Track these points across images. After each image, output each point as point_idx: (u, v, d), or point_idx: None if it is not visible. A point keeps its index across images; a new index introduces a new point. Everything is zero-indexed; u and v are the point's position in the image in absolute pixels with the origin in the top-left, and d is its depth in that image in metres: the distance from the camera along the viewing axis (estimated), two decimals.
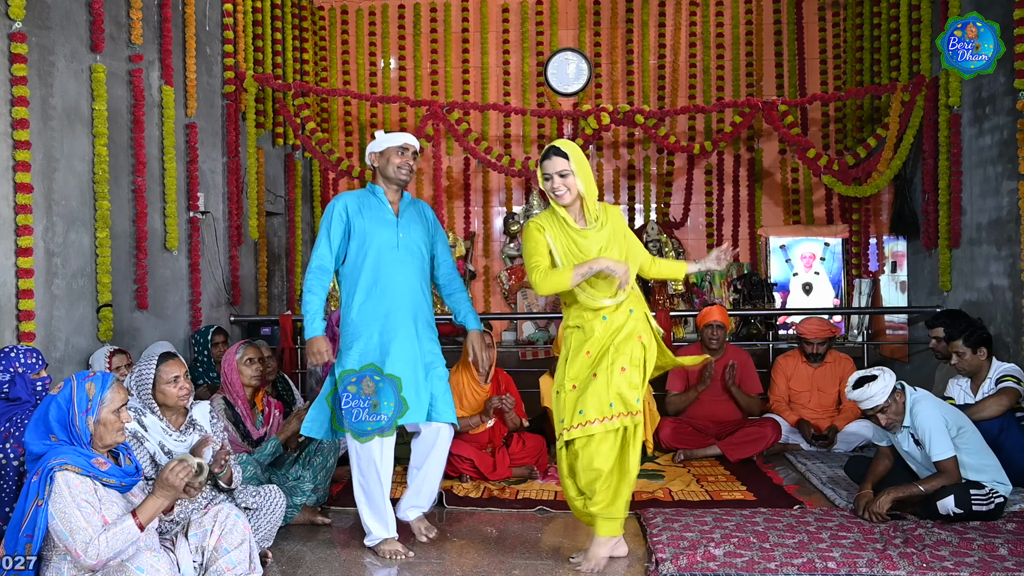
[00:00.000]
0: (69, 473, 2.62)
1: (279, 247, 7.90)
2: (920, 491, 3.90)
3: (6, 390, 3.61)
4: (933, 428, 3.85)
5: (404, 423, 3.68)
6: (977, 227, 5.86)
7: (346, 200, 3.75)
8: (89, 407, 2.73)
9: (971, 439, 3.94)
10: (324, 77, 8.69)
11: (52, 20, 4.60)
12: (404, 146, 3.76)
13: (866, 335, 7.43)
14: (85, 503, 2.61)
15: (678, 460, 5.29)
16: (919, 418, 3.89)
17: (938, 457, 3.85)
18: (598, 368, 3.38)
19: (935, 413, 3.89)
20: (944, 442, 3.84)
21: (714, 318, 5.64)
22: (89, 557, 2.57)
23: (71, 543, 2.57)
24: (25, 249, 4.25)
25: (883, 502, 3.91)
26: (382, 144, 3.77)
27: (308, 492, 4.10)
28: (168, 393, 3.29)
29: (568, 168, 3.38)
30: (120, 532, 2.62)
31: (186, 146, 6.02)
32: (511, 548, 3.74)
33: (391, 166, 3.74)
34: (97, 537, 2.58)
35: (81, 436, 2.72)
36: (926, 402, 3.96)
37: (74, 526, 2.58)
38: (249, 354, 4.14)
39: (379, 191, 3.79)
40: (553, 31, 8.61)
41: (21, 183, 4.23)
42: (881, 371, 3.96)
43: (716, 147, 7.27)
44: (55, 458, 2.63)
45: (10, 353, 3.69)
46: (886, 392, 3.89)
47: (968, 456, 3.89)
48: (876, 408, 3.92)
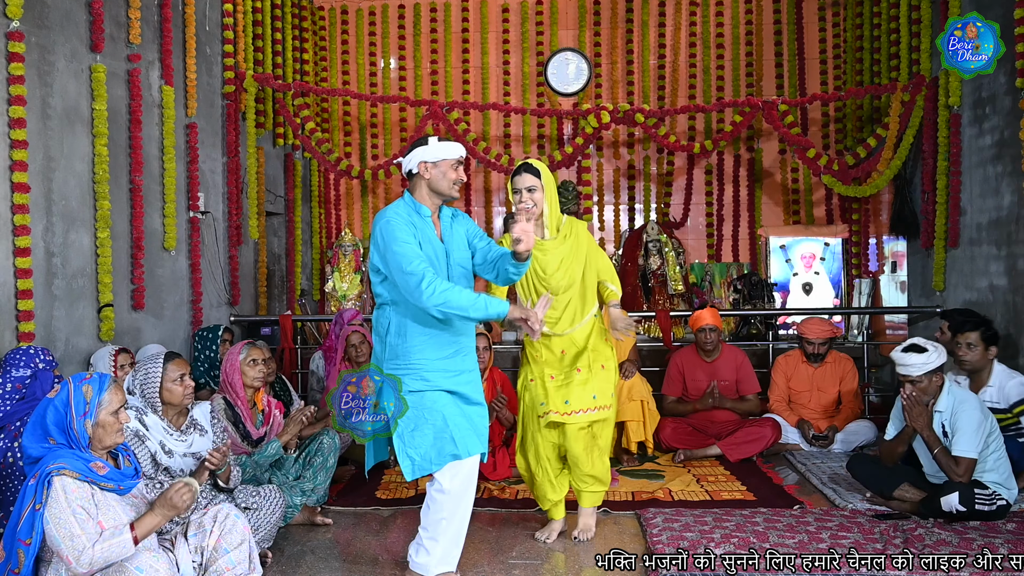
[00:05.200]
0: (67, 478, 2.61)
1: (279, 247, 7.90)
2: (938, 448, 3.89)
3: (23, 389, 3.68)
4: (970, 427, 3.85)
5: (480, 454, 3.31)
6: (977, 227, 5.86)
7: (405, 217, 3.28)
8: (87, 410, 2.72)
9: (996, 445, 3.95)
10: (324, 77, 8.69)
11: (51, 20, 4.59)
12: (461, 159, 3.36)
13: (866, 335, 7.42)
14: (81, 509, 2.60)
15: (678, 460, 5.29)
16: (962, 414, 3.89)
17: (960, 453, 3.86)
18: (580, 364, 3.79)
19: (978, 416, 3.89)
20: (973, 443, 3.85)
21: (705, 322, 5.64)
22: (81, 566, 2.57)
23: (64, 550, 2.57)
24: (23, 249, 4.24)
25: (923, 420, 3.89)
26: (439, 153, 3.30)
27: (308, 492, 4.10)
28: (174, 392, 3.38)
29: (537, 184, 3.69)
30: (115, 545, 2.62)
31: (186, 146, 6.02)
32: (511, 548, 3.74)
33: (446, 180, 3.31)
34: (91, 546, 2.58)
35: (79, 439, 2.70)
36: (974, 402, 3.97)
37: (68, 533, 2.57)
38: (253, 355, 4.14)
39: (424, 212, 3.33)
40: (553, 31, 8.60)
41: (18, 183, 4.22)
42: (934, 347, 3.96)
43: (716, 147, 7.27)
44: (53, 462, 2.62)
45: (29, 351, 3.90)
46: (924, 368, 3.91)
47: (989, 461, 3.90)
48: (908, 377, 3.94)
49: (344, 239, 7.87)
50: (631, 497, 4.49)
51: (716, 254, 8.47)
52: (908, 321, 7.12)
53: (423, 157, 3.30)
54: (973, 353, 4.49)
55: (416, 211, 3.31)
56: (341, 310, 6.52)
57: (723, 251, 8.50)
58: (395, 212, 3.28)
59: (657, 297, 7.64)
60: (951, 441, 3.90)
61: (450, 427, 3.18)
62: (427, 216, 3.32)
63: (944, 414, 3.95)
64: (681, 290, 7.64)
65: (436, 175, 3.30)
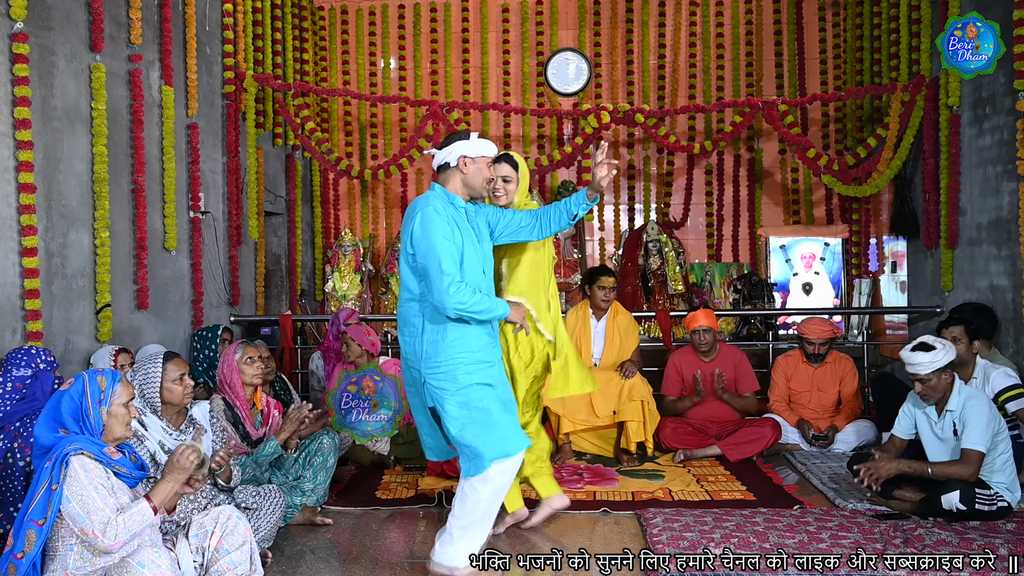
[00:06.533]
0: (84, 458, 2.66)
1: (279, 247, 7.90)
2: (928, 473, 3.90)
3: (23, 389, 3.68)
4: (980, 422, 3.85)
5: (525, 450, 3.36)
6: (977, 227, 5.86)
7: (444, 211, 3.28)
8: (102, 398, 2.80)
9: (1004, 447, 3.95)
10: (324, 77, 8.69)
11: (53, 20, 4.59)
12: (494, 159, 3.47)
13: (866, 335, 7.43)
14: (100, 487, 2.65)
15: (678, 460, 5.29)
16: (971, 410, 3.88)
17: (969, 445, 3.85)
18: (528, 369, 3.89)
19: (987, 411, 3.90)
20: (982, 436, 3.84)
21: (700, 323, 5.63)
22: (107, 538, 2.60)
23: (88, 525, 2.59)
24: (30, 249, 4.26)
25: (889, 467, 3.91)
26: (479, 150, 3.36)
27: (308, 492, 4.10)
28: (174, 391, 3.40)
29: (513, 177, 3.81)
30: (136, 514, 2.66)
31: (186, 146, 6.02)
32: (511, 548, 3.74)
33: (481, 177, 3.37)
34: (115, 518, 2.62)
35: (94, 426, 2.78)
36: (983, 399, 3.97)
37: (91, 507, 2.60)
38: (249, 353, 4.15)
39: (459, 203, 3.36)
40: (553, 31, 8.61)
41: (24, 183, 4.23)
42: (943, 346, 3.95)
43: (716, 147, 7.27)
44: (69, 444, 2.68)
45: (30, 351, 3.90)
46: (932, 366, 3.89)
47: (997, 463, 3.90)
48: (917, 376, 3.94)
49: (344, 239, 7.87)
50: (631, 497, 4.49)
51: (716, 254, 8.48)
52: (908, 321, 7.12)
53: (465, 151, 3.33)
54: (958, 347, 4.48)
55: (451, 202, 3.34)
56: (338, 310, 6.52)
57: (723, 251, 8.50)
58: (434, 206, 3.27)
59: (657, 297, 7.64)
60: (960, 437, 3.90)
61: (500, 423, 3.25)
62: (461, 208, 3.36)
63: (955, 412, 3.95)
64: (681, 290, 7.64)
65: (473, 171, 3.36)
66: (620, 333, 5.62)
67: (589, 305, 5.66)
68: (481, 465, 3.20)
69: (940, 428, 4.01)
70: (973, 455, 3.84)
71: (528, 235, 3.58)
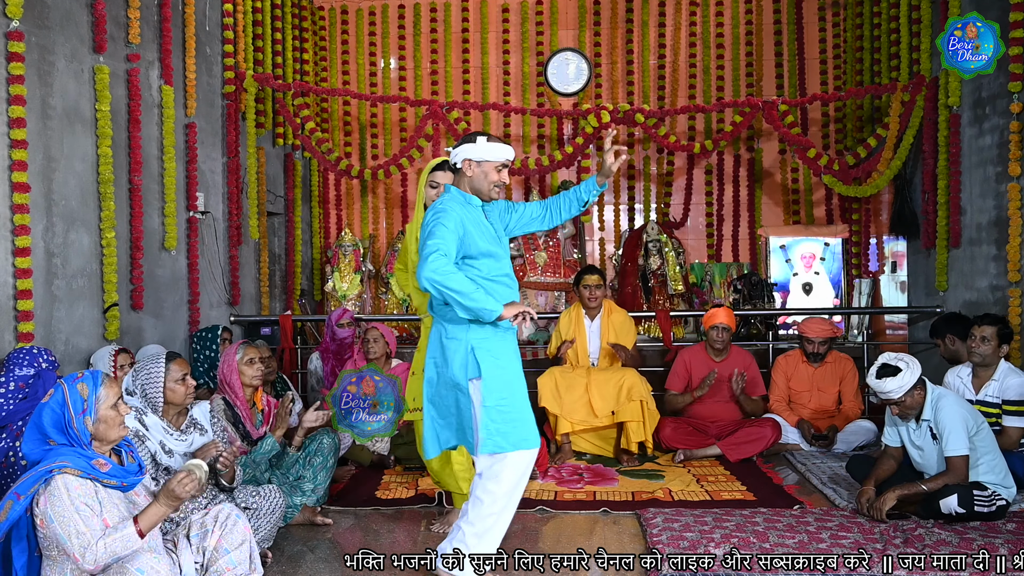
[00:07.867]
0: (68, 476, 2.59)
1: (279, 247, 7.90)
2: (923, 490, 3.90)
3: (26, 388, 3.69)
4: (954, 425, 3.85)
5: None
6: (977, 227, 5.86)
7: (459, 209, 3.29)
8: (85, 407, 2.70)
9: (986, 439, 3.95)
10: (324, 77, 8.69)
11: (52, 20, 4.59)
12: (506, 162, 3.38)
13: (866, 335, 7.42)
14: (84, 506, 2.59)
15: (678, 460, 5.29)
16: (942, 413, 3.88)
17: (952, 453, 3.85)
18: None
19: (958, 411, 3.89)
20: (961, 439, 3.84)
21: (720, 320, 5.64)
22: (87, 562, 2.56)
23: (69, 547, 2.56)
24: (23, 249, 4.24)
25: (887, 499, 3.91)
26: (483, 154, 3.33)
27: (308, 492, 4.10)
28: (176, 391, 3.40)
29: None
30: (120, 539, 2.61)
31: (186, 146, 6.02)
32: (511, 548, 3.73)
33: (487, 181, 3.35)
34: (96, 542, 2.56)
35: (80, 437, 2.69)
36: (950, 398, 3.96)
37: (72, 530, 2.56)
38: (250, 354, 4.15)
39: (475, 202, 3.37)
40: (553, 31, 8.61)
41: (18, 182, 4.22)
42: (907, 365, 3.90)
43: (716, 147, 7.27)
44: (55, 460, 2.61)
45: (32, 350, 3.92)
46: (903, 390, 3.87)
47: (982, 456, 3.90)
48: (890, 400, 3.92)
49: (344, 239, 7.87)
50: (631, 497, 4.49)
51: (716, 254, 8.48)
52: (908, 321, 7.12)
53: (468, 155, 3.35)
54: (986, 347, 4.45)
55: (467, 202, 3.36)
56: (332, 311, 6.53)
57: (723, 251, 8.50)
58: (449, 204, 3.30)
59: (657, 297, 7.64)
60: (941, 443, 3.90)
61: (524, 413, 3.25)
62: (477, 206, 3.38)
63: (930, 419, 3.95)
64: (681, 290, 7.64)
65: (478, 174, 3.35)
66: (615, 331, 5.62)
67: (582, 306, 5.69)
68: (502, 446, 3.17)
69: (919, 437, 4.02)
70: (958, 461, 3.85)
71: (539, 225, 3.59)
